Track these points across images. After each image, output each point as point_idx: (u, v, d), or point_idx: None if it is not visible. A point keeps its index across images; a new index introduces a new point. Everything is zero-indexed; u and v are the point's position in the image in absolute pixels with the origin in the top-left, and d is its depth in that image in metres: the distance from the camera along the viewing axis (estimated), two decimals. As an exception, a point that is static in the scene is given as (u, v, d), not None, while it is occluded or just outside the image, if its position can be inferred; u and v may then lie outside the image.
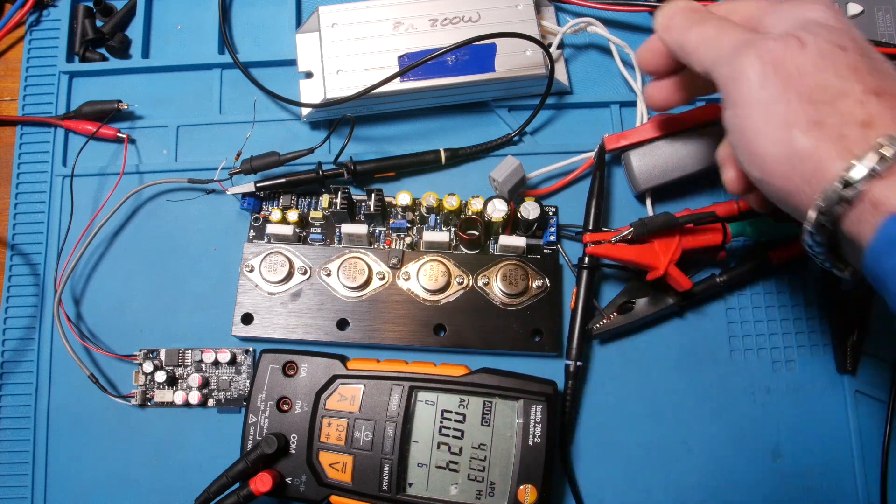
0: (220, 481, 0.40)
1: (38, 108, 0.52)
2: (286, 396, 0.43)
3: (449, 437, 0.42)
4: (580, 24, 0.51)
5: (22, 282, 0.49)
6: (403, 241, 0.48)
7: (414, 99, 0.49)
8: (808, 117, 0.28)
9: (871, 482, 0.45)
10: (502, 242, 0.46)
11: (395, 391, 0.42)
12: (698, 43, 0.34)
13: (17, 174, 0.51)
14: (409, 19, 0.49)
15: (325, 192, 0.49)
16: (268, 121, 0.51)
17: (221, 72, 0.53)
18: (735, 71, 0.30)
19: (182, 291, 0.48)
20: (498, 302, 0.46)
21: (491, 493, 0.41)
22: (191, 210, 0.50)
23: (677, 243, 0.43)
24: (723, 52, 0.32)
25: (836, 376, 0.47)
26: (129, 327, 0.48)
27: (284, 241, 0.47)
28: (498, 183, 0.46)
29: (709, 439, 0.46)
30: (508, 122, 0.51)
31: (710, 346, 0.47)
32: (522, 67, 0.48)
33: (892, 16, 0.50)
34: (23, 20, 0.54)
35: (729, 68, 0.31)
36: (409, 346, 0.46)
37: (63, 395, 0.47)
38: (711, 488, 0.45)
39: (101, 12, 0.53)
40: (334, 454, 0.42)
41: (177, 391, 0.46)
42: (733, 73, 0.30)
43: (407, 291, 0.46)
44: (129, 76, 0.53)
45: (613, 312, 0.46)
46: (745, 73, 0.30)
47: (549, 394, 0.42)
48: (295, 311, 0.46)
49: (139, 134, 0.52)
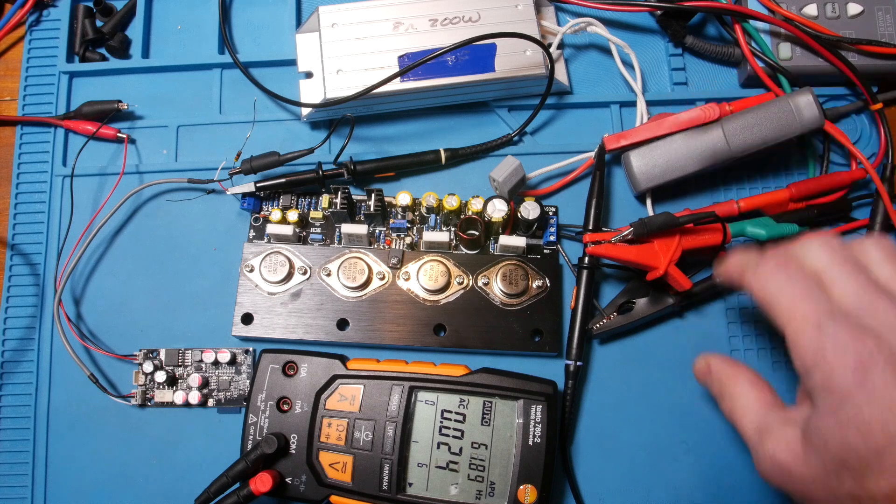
0: (220, 481, 0.40)
1: (38, 108, 0.52)
2: (286, 396, 0.43)
3: (449, 437, 0.42)
4: (580, 24, 0.51)
5: (22, 282, 0.49)
6: (403, 241, 0.48)
7: (414, 99, 0.49)
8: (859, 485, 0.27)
9: (871, 482, 0.45)
10: (502, 242, 0.46)
11: (395, 391, 0.42)
12: (770, 299, 0.32)
13: (17, 174, 0.51)
14: (409, 19, 0.49)
15: (325, 192, 0.49)
16: (268, 121, 0.51)
17: (221, 72, 0.53)
18: (806, 361, 0.29)
19: (182, 291, 0.48)
20: (498, 302, 0.46)
21: (491, 493, 0.41)
22: (191, 210, 0.50)
23: (677, 243, 0.43)
24: (789, 322, 0.31)
25: (836, 376, 0.47)
26: (129, 327, 0.48)
27: (284, 241, 0.47)
28: (498, 183, 0.46)
29: (709, 439, 0.46)
30: (508, 122, 0.51)
31: (710, 346, 0.47)
32: (522, 67, 0.48)
33: (892, 16, 0.50)
34: (23, 20, 0.54)
35: (801, 354, 0.30)
36: (409, 346, 0.46)
37: (63, 395, 0.47)
38: (711, 488, 0.45)
39: (101, 12, 0.53)
40: (334, 454, 0.42)
41: (177, 391, 0.46)
42: (803, 363, 0.30)
43: (407, 291, 0.46)
44: (129, 76, 0.53)
45: (613, 312, 0.46)
46: (778, 457, 0.30)
47: (549, 394, 0.42)
48: (295, 311, 0.46)
49: (139, 134, 0.52)
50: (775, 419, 0.33)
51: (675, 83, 0.52)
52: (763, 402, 0.34)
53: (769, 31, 0.50)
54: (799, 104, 0.46)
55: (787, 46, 0.49)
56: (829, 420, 0.29)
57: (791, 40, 0.49)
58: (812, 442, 0.30)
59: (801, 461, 0.30)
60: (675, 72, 0.52)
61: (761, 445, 0.32)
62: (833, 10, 0.50)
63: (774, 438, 0.32)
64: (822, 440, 0.29)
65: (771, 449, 0.32)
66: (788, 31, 0.49)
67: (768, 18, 0.48)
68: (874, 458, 0.27)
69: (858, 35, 0.49)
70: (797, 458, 0.31)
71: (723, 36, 0.53)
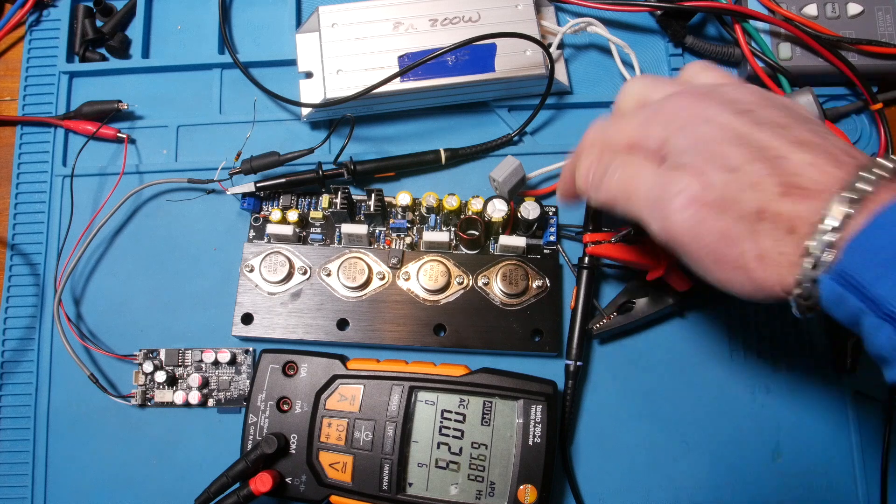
0: (220, 481, 0.40)
1: (38, 108, 0.52)
2: (286, 396, 0.43)
3: (449, 436, 0.42)
4: (580, 24, 0.51)
5: (22, 282, 0.49)
6: (403, 241, 0.48)
7: (414, 99, 0.49)
8: (752, 252, 0.29)
9: (871, 482, 0.45)
10: (502, 242, 0.46)
11: (395, 391, 0.42)
12: (617, 198, 0.34)
13: (17, 174, 0.51)
14: (409, 19, 0.49)
15: (325, 192, 0.49)
16: (268, 121, 0.51)
17: (221, 72, 0.53)
18: (668, 229, 0.31)
19: (182, 291, 0.48)
20: (498, 302, 0.46)
21: (491, 493, 0.41)
22: (191, 210, 0.50)
23: (677, 243, 0.43)
24: (642, 206, 0.32)
25: (836, 376, 0.47)
26: (129, 327, 0.48)
27: (284, 241, 0.47)
28: (498, 183, 0.46)
29: (708, 439, 0.46)
30: (508, 122, 0.51)
31: (710, 346, 0.47)
32: (522, 67, 0.48)
33: (892, 16, 0.50)
34: (23, 20, 0.54)
35: (660, 225, 0.31)
36: (409, 346, 0.46)
37: (63, 395, 0.47)
38: (711, 488, 0.45)
39: (101, 12, 0.53)
40: (334, 454, 0.42)
41: (177, 391, 0.46)
42: (669, 232, 0.31)
43: (407, 291, 0.46)
44: (129, 76, 0.53)
45: (613, 312, 0.46)
46: (676, 229, 0.30)
47: (549, 394, 0.42)
48: (295, 311, 0.46)
49: (139, 134, 0.52)
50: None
51: (675, 83, 0.52)
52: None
53: (769, 31, 0.50)
54: (799, 104, 0.46)
55: (787, 46, 0.49)
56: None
57: (791, 40, 0.49)
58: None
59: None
60: (675, 72, 0.52)
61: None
62: (833, 10, 0.50)
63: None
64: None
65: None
66: (788, 31, 0.49)
67: (768, 18, 0.48)
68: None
69: (858, 35, 0.49)
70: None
71: (723, 36, 0.53)
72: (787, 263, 0.28)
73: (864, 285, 0.26)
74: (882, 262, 0.25)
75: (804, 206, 0.28)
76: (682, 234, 0.30)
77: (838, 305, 0.27)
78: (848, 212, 0.26)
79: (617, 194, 0.33)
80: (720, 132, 0.30)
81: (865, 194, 0.27)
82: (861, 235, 0.26)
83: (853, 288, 0.26)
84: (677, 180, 0.30)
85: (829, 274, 0.27)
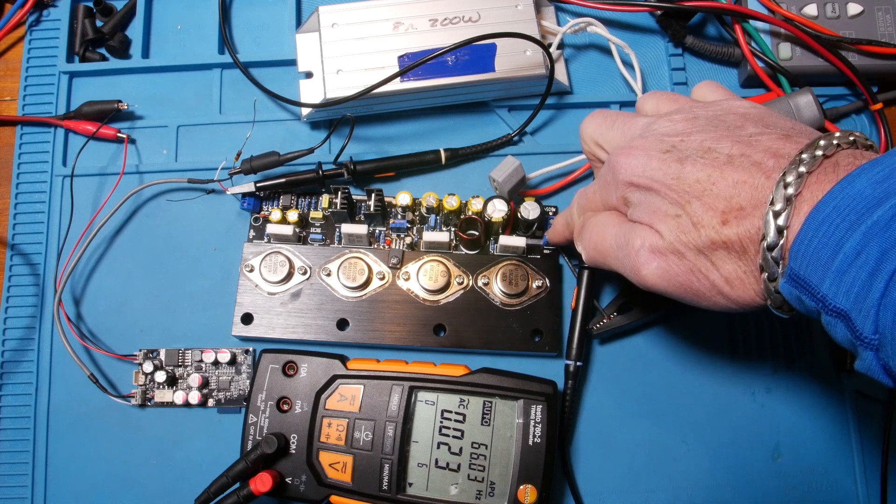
0: (220, 481, 0.40)
1: (38, 108, 0.52)
2: (286, 396, 0.43)
3: (449, 437, 0.42)
4: (580, 24, 0.51)
5: (22, 282, 0.49)
6: (403, 241, 0.48)
7: (414, 99, 0.49)
8: (718, 278, 0.31)
9: (871, 482, 0.45)
10: (502, 242, 0.46)
11: (395, 391, 0.42)
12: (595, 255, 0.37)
13: (17, 174, 0.51)
14: (409, 19, 0.49)
15: (325, 192, 0.49)
16: (268, 121, 0.51)
17: (221, 72, 0.53)
18: (643, 280, 0.33)
19: (182, 291, 0.48)
20: (498, 302, 0.46)
21: (491, 493, 0.41)
22: (191, 210, 0.50)
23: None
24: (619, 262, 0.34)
25: (836, 376, 0.47)
26: (129, 327, 0.48)
27: (284, 241, 0.47)
28: (498, 183, 0.46)
29: (709, 439, 0.46)
30: (508, 122, 0.51)
31: (710, 346, 0.47)
32: (522, 67, 0.48)
33: (892, 16, 0.50)
34: (23, 20, 0.54)
35: (636, 277, 0.33)
36: (409, 346, 0.46)
37: (63, 395, 0.47)
38: (711, 488, 0.45)
39: (101, 12, 0.53)
40: (334, 454, 0.42)
41: (177, 391, 0.46)
42: (643, 281, 0.33)
43: (407, 291, 0.46)
44: (129, 76, 0.53)
45: (613, 312, 0.46)
46: (648, 278, 0.32)
47: (549, 394, 0.42)
48: (295, 311, 0.46)
49: (139, 134, 0.52)
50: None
51: (676, 83, 0.52)
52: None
53: (769, 31, 0.50)
54: (799, 104, 0.46)
55: (787, 46, 0.49)
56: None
57: (791, 40, 0.49)
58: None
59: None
60: (675, 72, 0.52)
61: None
62: (833, 10, 0.50)
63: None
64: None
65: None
66: (788, 31, 0.49)
67: (768, 18, 0.48)
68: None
69: (858, 35, 0.49)
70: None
71: (723, 36, 0.53)
72: (753, 280, 0.30)
73: (812, 285, 0.27)
74: (821, 264, 0.26)
75: (745, 226, 0.29)
76: (656, 281, 0.32)
77: (801, 304, 0.28)
78: (781, 224, 0.28)
79: (594, 254, 0.37)
80: (655, 182, 0.32)
81: (794, 197, 0.27)
82: (797, 240, 0.27)
83: (804, 289, 0.27)
84: (635, 235, 0.33)
85: (783, 278, 0.28)
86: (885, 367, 0.26)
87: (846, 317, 0.26)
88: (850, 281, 0.25)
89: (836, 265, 0.26)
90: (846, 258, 0.25)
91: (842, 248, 0.25)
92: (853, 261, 0.25)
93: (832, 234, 0.26)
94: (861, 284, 0.25)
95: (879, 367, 0.26)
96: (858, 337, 0.25)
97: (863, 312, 0.25)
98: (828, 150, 0.28)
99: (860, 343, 0.26)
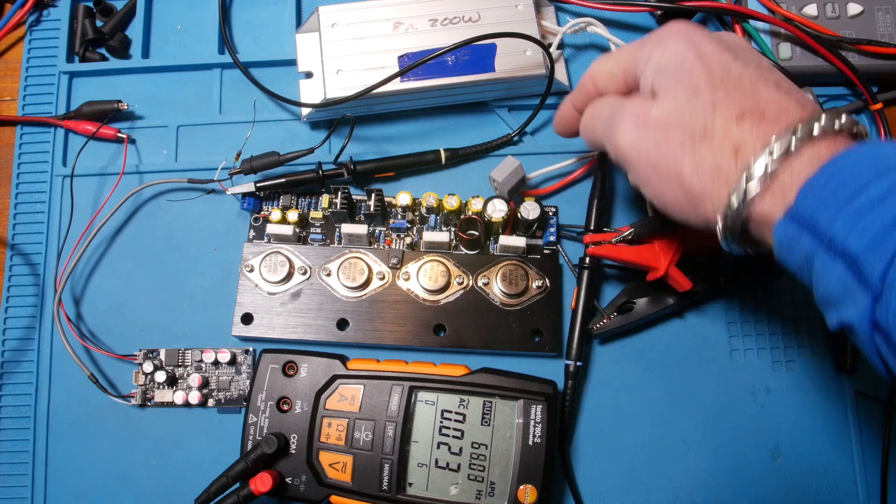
0: (220, 481, 0.40)
1: (38, 108, 0.52)
2: (286, 396, 0.43)
3: (449, 437, 0.42)
4: (580, 24, 0.51)
5: (22, 282, 0.49)
6: (403, 241, 0.48)
7: (414, 99, 0.49)
8: (688, 165, 0.31)
9: (871, 482, 0.45)
10: (502, 242, 0.46)
11: (395, 391, 0.42)
12: (588, 133, 0.38)
13: (17, 174, 0.51)
14: (409, 19, 0.49)
15: (325, 192, 0.49)
16: (268, 121, 0.51)
17: (221, 72, 0.53)
18: (615, 145, 0.34)
19: (182, 291, 0.48)
20: (498, 302, 0.46)
21: (491, 493, 0.41)
22: (191, 210, 0.50)
23: (678, 244, 0.43)
24: (602, 133, 0.36)
25: (836, 376, 0.47)
26: (129, 327, 0.48)
27: (284, 241, 0.47)
28: (498, 183, 0.46)
29: (709, 439, 0.46)
30: (508, 122, 0.51)
31: (710, 346, 0.47)
32: (522, 67, 0.48)
33: (892, 16, 0.50)
34: (23, 20, 0.54)
35: (611, 144, 0.34)
36: (409, 346, 0.46)
37: (63, 395, 0.47)
38: (711, 488, 0.45)
39: (101, 12, 0.53)
40: (334, 454, 0.42)
41: (177, 391, 0.46)
42: (615, 147, 0.34)
43: (407, 291, 0.46)
44: (129, 76, 0.53)
45: (613, 312, 0.46)
46: (620, 143, 0.33)
47: (549, 394, 0.42)
48: (295, 311, 0.46)
49: (139, 134, 0.52)
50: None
51: (675, 83, 0.52)
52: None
53: (769, 31, 0.50)
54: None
55: (787, 46, 0.49)
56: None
57: (791, 40, 0.49)
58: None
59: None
60: (675, 72, 0.52)
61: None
62: (833, 10, 0.50)
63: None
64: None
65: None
66: (788, 31, 0.49)
67: (768, 18, 0.48)
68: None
69: (858, 35, 0.49)
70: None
71: (723, 36, 0.53)
72: (724, 179, 0.30)
73: (820, 224, 0.26)
74: (838, 202, 0.26)
75: (758, 132, 0.29)
76: (628, 147, 0.33)
77: (791, 248, 0.28)
78: (792, 149, 0.28)
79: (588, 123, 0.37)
80: (704, 56, 0.32)
81: (820, 133, 0.28)
82: (818, 175, 0.27)
83: (807, 228, 0.27)
84: (629, 105, 0.34)
85: (782, 217, 0.28)
86: (875, 322, 0.25)
87: (853, 259, 0.25)
88: (869, 223, 0.25)
89: (855, 207, 0.26)
90: (869, 201, 0.25)
91: (865, 191, 0.26)
92: (876, 205, 0.25)
93: (857, 178, 0.26)
94: (881, 228, 0.25)
95: (868, 321, 0.26)
96: (863, 281, 0.25)
97: (875, 256, 0.25)
98: (854, 127, 0.30)
99: (862, 287, 0.25)
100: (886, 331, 0.25)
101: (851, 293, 0.26)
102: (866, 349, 0.27)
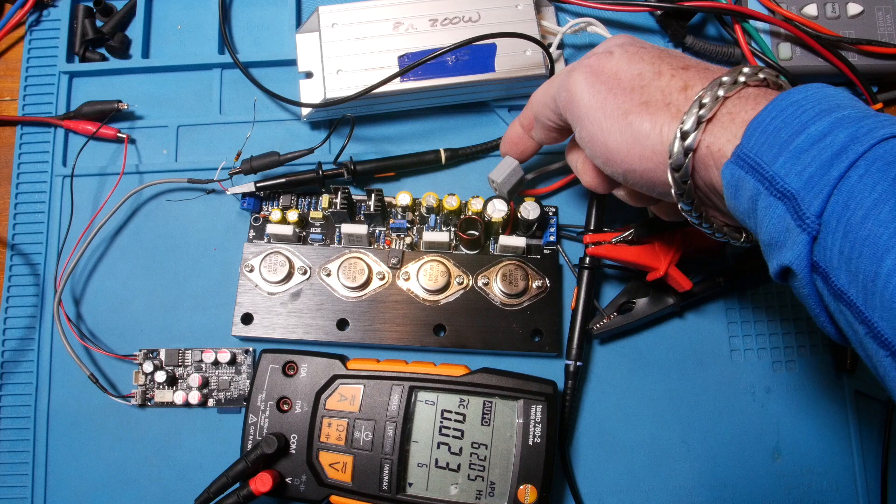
0: (220, 481, 0.40)
1: (38, 108, 0.52)
2: (286, 396, 0.43)
3: (449, 436, 0.42)
4: (580, 24, 0.51)
5: (22, 282, 0.49)
6: (403, 241, 0.48)
7: (414, 99, 0.49)
8: (637, 101, 0.32)
9: (871, 482, 0.45)
10: (502, 242, 0.46)
11: (395, 391, 0.42)
12: (539, 98, 0.39)
13: (17, 174, 0.51)
14: (409, 19, 0.49)
15: (325, 192, 0.49)
16: (268, 121, 0.51)
17: (221, 72, 0.53)
18: (569, 91, 0.35)
19: (182, 291, 0.48)
20: (498, 302, 0.46)
21: (491, 493, 0.41)
22: (191, 210, 0.50)
23: (678, 244, 0.43)
24: (555, 86, 0.37)
25: (836, 376, 0.47)
26: (129, 327, 0.48)
27: (284, 241, 0.47)
28: (497, 184, 0.46)
29: (709, 439, 0.46)
30: (508, 122, 0.51)
31: (710, 346, 0.47)
32: (522, 67, 0.48)
33: (892, 16, 0.50)
34: (23, 20, 0.54)
35: (565, 93, 0.35)
36: (409, 346, 0.46)
37: (63, 395, 0.47)
38: (711, 488, 0.45)
39: (101, 12, 0.53)
40: (334, 454, 0.42)
41: (177, 391, 0.46)
42: (569, 95, 0.35)
43: (407, 291, 0.46)
44: (129, 76, 0.53)
45: (613, 312, 0.46)
46: (574, 89, 0.34)
47: (549, 394, 0.42)
48: (295, 311, 0.46)
49: (139, 134, 0.52)
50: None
51: (675, 83, 0.52)
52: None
53: (769, 31, 0.50)
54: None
55: (787, 46, 0.49)
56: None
57: (791, 40, 0.49)
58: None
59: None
60: (675, 72, 0.52)
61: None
62: (833, 10, 0.50)
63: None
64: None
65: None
66: (788, 31, 0.49)
67: (768, 18, 0.48)
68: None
69: (858, 35, 0.49)
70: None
71: (723, 36, 0.53)
72: (672, 113, 0.30)
73: (762, 164, 0.26)
74: (780, 141, 0.26)
75: (703, 75, 0.31)
76: (581, 84, 0.34)
77: (737, 191, 0.28)
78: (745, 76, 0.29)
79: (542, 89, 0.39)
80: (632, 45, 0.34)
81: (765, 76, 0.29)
82: (762, 114, 0.27)
83: (751, 168, 0.27)
84: (586, 58, 0.35)
85: (730, 159, 0.28)
86: (814, 263, 0.25)
87: (792, 198, 0.25)
88: (808, 161, 0.25)
89: (795, 145, 0.26)
90: (808, 139, 0.25)
91: (806, 129, 0.26)
92: (816, 142, 0.25)
93: (799, 118, 0.26)
94: (819, 164, 0.25)
95: (806, 261, 0.25)
96: (800, 218, 0.25)
97: (813, 192, 0.25)
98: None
99: (800, 227, 0.25)
100: (825, 272, 0.25)
101: (790, 234, 0.26)
102: (807, 296, 0.26)
